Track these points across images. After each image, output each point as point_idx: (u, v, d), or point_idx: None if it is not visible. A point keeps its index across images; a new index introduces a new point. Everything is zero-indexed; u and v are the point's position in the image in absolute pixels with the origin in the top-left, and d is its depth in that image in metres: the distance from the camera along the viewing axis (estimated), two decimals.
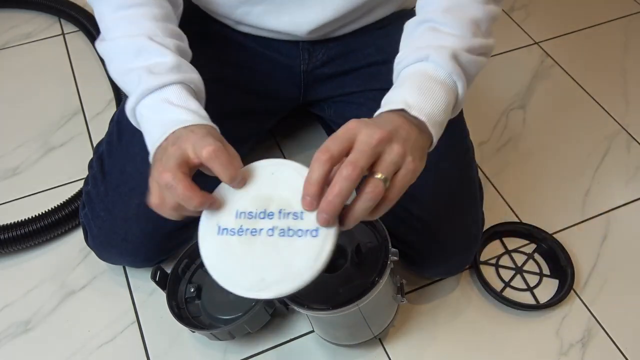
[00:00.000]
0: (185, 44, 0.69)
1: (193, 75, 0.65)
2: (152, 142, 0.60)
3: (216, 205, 0.56)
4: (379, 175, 0.53)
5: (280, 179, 0.56)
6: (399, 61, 0.65)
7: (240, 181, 0.56)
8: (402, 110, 0.59)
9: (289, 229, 0.54)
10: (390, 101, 0.61)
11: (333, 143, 0.53)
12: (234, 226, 0.55)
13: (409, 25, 0.69)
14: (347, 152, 0.53)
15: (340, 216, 0.54)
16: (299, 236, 0.53)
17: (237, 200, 0.56)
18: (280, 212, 0.55)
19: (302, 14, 0.79)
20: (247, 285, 0.54)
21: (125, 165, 0.80)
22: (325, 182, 0.52)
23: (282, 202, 0.55)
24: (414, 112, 0.59)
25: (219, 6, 0.82)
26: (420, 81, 0.61)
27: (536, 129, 1.14)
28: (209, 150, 0.54)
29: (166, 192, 0.56)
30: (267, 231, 0.54)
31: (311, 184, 0.52)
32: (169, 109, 0.60)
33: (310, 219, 0.53)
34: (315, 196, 0.52)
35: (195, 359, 0.83)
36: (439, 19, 0.65)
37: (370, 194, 0.52)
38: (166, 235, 0.82)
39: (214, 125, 0.62)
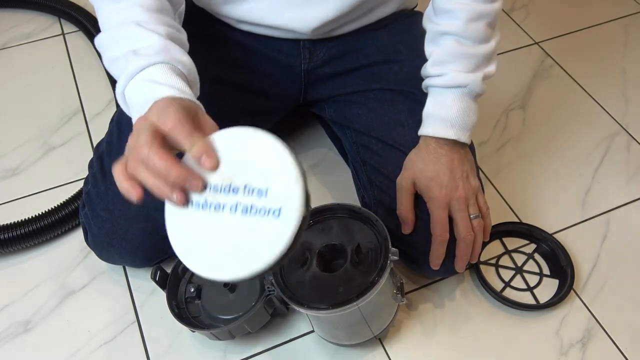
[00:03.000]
0: (181, 34, 0.69)
1: (182, 58, 0.64)
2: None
3: (195, 184, 0.53)
4: (475, 214, 0.76)
5: (251, 151, 0.53)
6: (435, 74, 0.75)
7: (208, 157, 0.52)
8: (454, 140, 0.75)
9: (252, 207, 0.51)
10: (438, 128, 0.75)
11: (442, 226, 0.75)
12: (199, 199, 0.53)
13: (430, 30, 0.77)
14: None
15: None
16: (262, 216, 0.50)
17: (204, 171, 0.53)
18: (245, 187, 0.52)
19: (308, 10, 0.79)
20: (205, 265, 0.52)
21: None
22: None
23: (248, 176, 0.52)
24: (462, 140, 0.75)
25: (223, 2, 0.81)
26: (462, 107, 0.75)
27: (536, 129, 1.14)
28: (172, 121, 0.53)
29: (140, 168, 0.53)
30: (229, 208, 0.52)
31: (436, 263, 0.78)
32: (152, 87, 0.60)
33: (274, 198, 0.50)
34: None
35: (195, 359, 0.83)
36: (461, 32, 0.73)
37: (481, 231, 0.77)
38: (166, 234, 0.82)
39: (198, 103, 0.61)
